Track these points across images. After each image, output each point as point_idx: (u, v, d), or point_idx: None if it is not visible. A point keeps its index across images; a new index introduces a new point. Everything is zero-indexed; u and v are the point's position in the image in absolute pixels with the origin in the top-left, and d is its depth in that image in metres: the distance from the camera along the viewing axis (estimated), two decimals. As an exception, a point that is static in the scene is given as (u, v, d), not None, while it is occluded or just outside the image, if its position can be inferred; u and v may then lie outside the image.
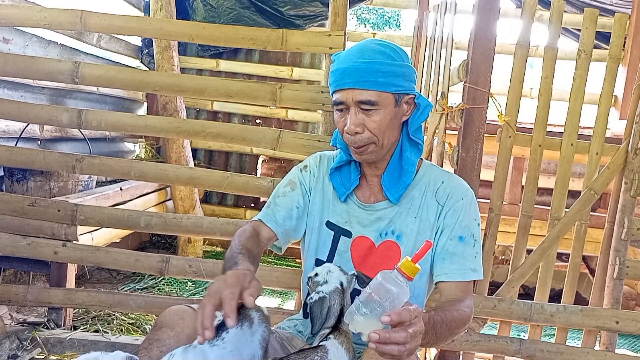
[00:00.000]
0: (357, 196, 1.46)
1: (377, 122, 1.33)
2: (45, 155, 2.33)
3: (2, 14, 2.28)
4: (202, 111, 4.61)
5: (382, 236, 1.43)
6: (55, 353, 2.27)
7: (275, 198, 1.52)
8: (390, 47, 1.35)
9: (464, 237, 1.39)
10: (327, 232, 1.47)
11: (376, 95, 1.31)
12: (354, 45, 1.40)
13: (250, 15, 4.15)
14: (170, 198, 3.86)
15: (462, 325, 1.29)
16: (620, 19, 2.18)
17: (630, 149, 2.16)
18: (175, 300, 2.45)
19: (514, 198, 3.23)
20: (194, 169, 2.55)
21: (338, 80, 1.34)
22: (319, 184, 1.51)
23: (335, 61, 1.39)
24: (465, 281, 1.38)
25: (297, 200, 1.49)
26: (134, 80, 2.33)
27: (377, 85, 1.30)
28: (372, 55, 1.32)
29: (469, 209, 1.42)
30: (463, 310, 1.29)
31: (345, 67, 1.32)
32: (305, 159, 1.60)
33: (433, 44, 2.69)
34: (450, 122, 2.22)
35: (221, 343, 1.18)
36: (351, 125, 1.33)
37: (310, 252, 1.50)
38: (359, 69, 1.30)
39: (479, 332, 2.22)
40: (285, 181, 1.55)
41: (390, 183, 1.41)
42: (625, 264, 2.18)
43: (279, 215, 1.48)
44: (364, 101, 1.31)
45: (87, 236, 2.54)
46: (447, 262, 1.38)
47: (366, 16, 12.45)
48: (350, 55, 1.34)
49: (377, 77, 1.30)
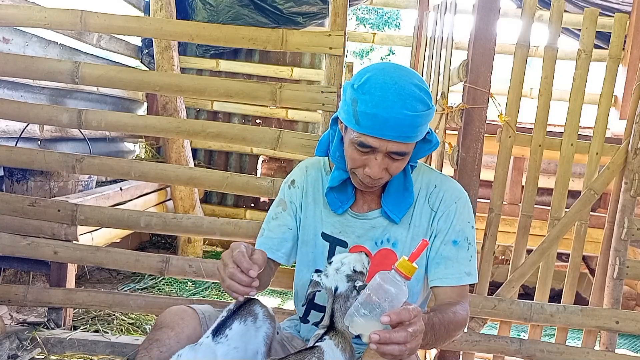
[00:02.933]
0: (351, 207, 1.45)
1: (399, 167, 1.31)
2: (45, 155, 2.33)
3: (2, 14, 2.28)
4: (202, 111, 4.61)
5: (378, 244, 1.42)
6: (55, 353, 2.27)
7: (268, 223, 1.51)
8: (424, 89, 1.26)
9: (458, 240, 1.39)
10: (323, 243, 1.46)
11: (410, 147, 1.28)
12: (384, 74, 1.24)
13: (249, 13, 4.14)
14: (170, 198, 3.86)
15: (459, 327, 1.30)
16: (620, 19, 2.18)
17: (630, 149, 2.16)
18: (175, 300, 2.45)
19: (514, 198, 3.23)
20: (194, 169, 2.55)
21: (376, 128, 1.22)
22: (309, 198, 1.49)
23: (367, 94, 1.22)
24: (460, 285, 1.38)
25: (289, 222, 1.49)
26: (134, 80, 2.33)
27: (414, 139, 1.26)
28: (414, 105, 1.22)
29: (462, 212, 1.41)
30: (460, 313, 1.30)
31: (387, 116, 1.20)
32: (299, 162, 1.59)
33: (433, 44, 2.69)
34: (450, 122, 2.22)
35: (225, 340, 1.20)
36: (376, 170, 1.28)
37: (306, 264, 1.49)
38: (402, 124, 1.21)
39: (479, 332, 2.22)
40: (277, 200, 1.54)
41: (393, 205, 1.39)
42: (625, 264, 2.18)
43: (272, 243, 1.47)
44: (398, 152, 1.26)
45: (87, 236, 2.53)
46: (441, 267, 1.38)
47: (366, 16, 12.45)
48: (390, 100, 1.21)
49: (416, 131, 1.24)
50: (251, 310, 1.27)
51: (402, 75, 1.25)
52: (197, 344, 1.20)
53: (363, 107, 1.22)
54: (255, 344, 1.26)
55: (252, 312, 1.27)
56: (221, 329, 1.22)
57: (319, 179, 1.49)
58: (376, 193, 1.43)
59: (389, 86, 1.22)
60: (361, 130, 1.24)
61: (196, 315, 1.34)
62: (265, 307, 1.33)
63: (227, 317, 1.25)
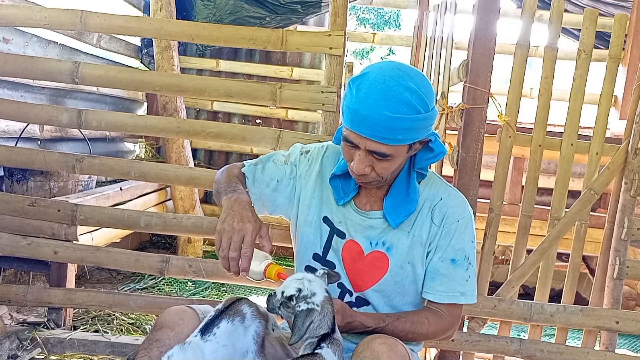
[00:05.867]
0: (354, 201, 1.44)
1: (386, 168, 1.28)
2: (45, 155, 2.33)
3: (2, 14, 2.28)
4: (202, 111, 4.61)
5: (372, 245, 1.41)
6: (55, 353, 2.27)
7: (267, 161, 1.53)
8: (418, 93, 1.21)
9: (457, 259, 1.38)
10: (325, 227, 1.46)
11: (391, 149, 1.24)
12: (378, 72, 1.23)
13: (247, 6, 4.08)
14: (170, 198, 3.86)
15: (420, 335, 1.37)
16: (621, 19, 2.18)
17: (630, 149, 2.16)
18: (175, 300, 2.45)
19: (514, 198, 3.23)
20: (194, 169, 2.56)
21: (354, 123, 1.22)
22: (319, 179, 1.48)
23: (355, 90, 1.23)
24: (451, 303, 1.38)
25: (281, 174, 1.50)
26: (134, 80, 2.33)
27: (394, 141, 1.22)
28: (397, 107, 1.19)
29: (464, 232, 1.39)
30: (427, 323, 1.37)
31: (365, 114, 1.19)
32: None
33: (433, 44, 2.69)
34: (450, 122, 2.22)
35: (213, 338, 1.22)
36: (358, 166, 1.27)
37: (307, 246, 1.48)
38: (379, 124, 1.19)
39: (479, 332, 2.22)
40: (284, 152, 1.55)
41: (392, 207, 1.38)
42: (625, 264, 2.18)
43: (258, 177, 1.50)
44: (377, 152, 1.24)
45: (87, 236, 2.53)
46: (436, 282, 1.39)
47: (366, 16, 12.45)
48: (373, 98, 1.19)
49: (396, 134, 1.21)
50: (239, 309, 1.29)
51: (396, 76, 1.22)
52: (185, 343, 1.21)
53: (348, 102, 1.24)
54: (244, 343, 1.28)
55: (239, 311, 1.29)
56: (209, 328, 1.24)
57: (334, 163, 1.48)
58: (380, 194, 1.42)
59: (376, 84, 1.21)
60: (345, 124, 1.27)
61: (196, 316, 1.34)
62: (255, 305, 1.34)
63: (215, 317, 1.27)
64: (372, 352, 1.20)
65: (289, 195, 1.50)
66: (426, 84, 1.26)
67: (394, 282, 1.41)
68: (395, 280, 1.41)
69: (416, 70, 1.29)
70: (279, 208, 1.53)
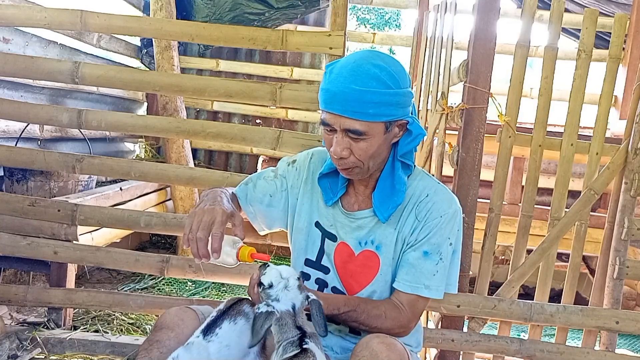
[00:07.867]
0: (342, 203, 1.45)
1: (364, 149, 1.29)
2: (45, 155, 2.33)
3: (2, 14, 2.28)
4: (202, 111, 4.61)
5: (362, 245, 1.42)
6: (55, 353, 2.27)
7: (257, 179, 1.54)
8: (387, 70, 1.26)
9: (429, 252, 1.37)
10: (317, 232, 1.47)
11: (365, 126, 1.25)
12: (350, 56, 1.30)
13: (246, 2, 4.07)
14: (170, 198, 3.86)
15: (373, 329, 1.34)
16: (621, 19, 2.18)
17: (630, 149, 2.16)
18: (175, 300, 2.45)
19: (514, 198, 3.23)
20: (194, 169, 2.55)
21: (327, 102, 1.27)
22: (308, 185, 1.50)
23: (328, 73, 1.30)
24: (414, 295, 1.37)
25: (273, 190, 1.51)
26: (134, 80, 2.33)
27: (366, 116, 1.24)
28: (365, 81, 1.23)
29: (444, 228, 1.37)
30: (383, 318, 1.35)
31: (335, 90, 1.24)
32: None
33: (433, 44, 2.69)
34: (450, 122, 2.22)
35: (216, 338, 1.23)
36: (336, 148, 1.28)
37: (299, 252, 1.50)
38: (348, 98, 1.23)
39: (479, 332, 2.22)
40: (271, 169, 1.57)
41: (380, 201, 1.38)
42: (625, 264, 2.18)
43: (250, 195, 1.52)
44: (351, 130, 1.26)
45: (87, 236, 2.53)
46: (402, 271, 1.38)
47: (366, 16, 12.45)
48: (343, 76, 1.25)
49: (367, 108, 1.23)
50: (240, 310, 1.30)
51: (367, 56, 1.28)
52: (188, 343, 1.22)
53: (322, 85, 1.29)
54: (246, 343, 1.29)
55: (241, 312, 1.30)
56: (211, 328, 1.25)
57: (322, 165, 1.48)
58: (367, 192, 1.42)
59: (347, 65, 1.26)
60: (320, 107, 1.30)
61: (196, 316, 1.35)
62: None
63: (216, 317, 1.28)
64: (370, 352, 1.20)
65: (283, 208, 1.52)
66: (397, 64, 1.31)
67: (384, 281, 1.42)
68: (386, 279, 1.42)
69: (389, 55, 1.33)
70: (277, 222, 1.55)
